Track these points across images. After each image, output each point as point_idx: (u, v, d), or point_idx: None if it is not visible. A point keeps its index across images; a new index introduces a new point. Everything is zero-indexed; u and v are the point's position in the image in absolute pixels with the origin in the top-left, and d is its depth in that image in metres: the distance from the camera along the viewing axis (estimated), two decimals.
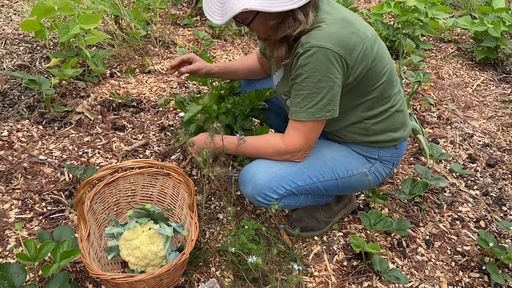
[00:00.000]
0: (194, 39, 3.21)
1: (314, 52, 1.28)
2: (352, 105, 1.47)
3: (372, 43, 1.38)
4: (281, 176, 1.49)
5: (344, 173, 1.55)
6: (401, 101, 1.55)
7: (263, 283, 1.53)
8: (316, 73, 1.30)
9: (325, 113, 1.37)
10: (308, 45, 1.28)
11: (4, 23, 2.96)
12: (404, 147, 1.63)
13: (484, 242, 1.65)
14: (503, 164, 2.33)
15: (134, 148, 2.11)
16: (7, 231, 1.62)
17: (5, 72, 2.39)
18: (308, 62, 1.29)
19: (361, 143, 1.56)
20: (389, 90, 1.48)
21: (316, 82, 1.31)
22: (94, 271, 1.28)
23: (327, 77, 1.31)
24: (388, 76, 1.46)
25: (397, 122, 1.55)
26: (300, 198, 1.60)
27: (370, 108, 1.48)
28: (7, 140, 2.02)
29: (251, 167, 1.53)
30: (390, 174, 1.66)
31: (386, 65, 1.44)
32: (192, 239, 1.39)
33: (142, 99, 2.47)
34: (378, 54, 1.40)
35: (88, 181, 1.27)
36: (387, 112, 1.51)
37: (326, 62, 1.28)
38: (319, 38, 1.28)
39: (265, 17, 1.31)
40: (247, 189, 1.52)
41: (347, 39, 1.31)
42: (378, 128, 1.52)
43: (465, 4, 4.38)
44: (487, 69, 3.40)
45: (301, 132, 1.42)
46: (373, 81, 1.43)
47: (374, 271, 1.64)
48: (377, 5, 3.55)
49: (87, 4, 2.59)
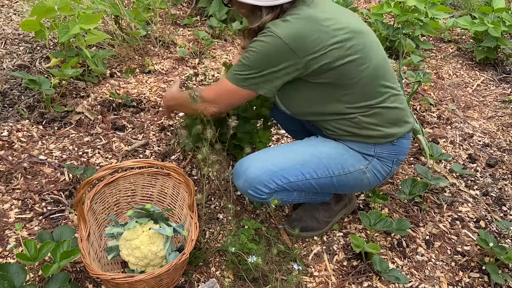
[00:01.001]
0: (194, 39, 3.21)
1: (268, 35, 1.40)
2: (334, 98, 1.50)
3: (342, 40, 1.42)
4: (273, 171, 1.51)
5: (339, 170, 1.55)
6: (395, 97, 1.55)
7: (263, 283, 1.53)
8: (260, 51, 1.41)
9: (250, 85, 1.47)
10: (268, 29, 1.41)
11: (4, 23, 2.96)
12: (404, 145, 1.61)
13: (484, 242, 1.65)
14: (503, 164, 2.33)
15: (134, 148, 2.11)
16: (7, 231, 1.62)
17: (5, 72, 2.40)
18: (260, 40, 1.41)
19: (356, 138, 1.55)
20: (373, 86, 1.50)
21: (256, 59, 1.42)
22: (94, 271, 1.28)
23: (266, 61, 1.42)
24: (371, 72, 1.48)
25: (389, 118, 1.53)
26: (293, 194, 1.60)
27: (354, 102, 1.50)
28: (7, 140, 2.02)
29: (245, 161, 1.56)
30: (391, 173, 1.64)
31: (368, 62, 1.47)
32: (192, 239, 1.39)
33: (142, 99, 2.47)
34: (353, 51, 1.43)
35: (88, 181, 1.27)
36: (375, 107, 1.51)
37: (272, 48, 1.40)
38: (278, 27, 1.40)
39: (238, 4, 1.47)
40: (239, 182, 1.55)
41: (307, 35, 1.39)
42: (368, 121, 1.51)
43: (465, 4, 4.38)
44: (487, 69, 3.40)
45: (218, 87, 1.55)
46: (349, 77, 1.46)
47: (374, 271, 1.64)
48: (377, 5, 3.55)
49: (87, 4, 2.59)
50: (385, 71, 1.53)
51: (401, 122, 1.57)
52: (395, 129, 1.55)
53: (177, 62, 2.90)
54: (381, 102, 1.51)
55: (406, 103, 1.62)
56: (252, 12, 1.48)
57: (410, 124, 1.60)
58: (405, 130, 1.58)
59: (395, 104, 1.54)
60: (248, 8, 1.47)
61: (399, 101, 1.57)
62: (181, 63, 2.90)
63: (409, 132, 1.61)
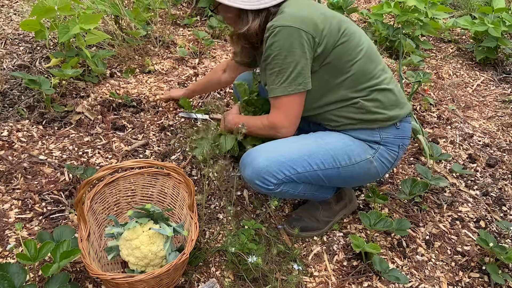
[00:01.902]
0: (194, 39, 3.21)
1: (278, 31, 1.41)
2: (332, 84, 1.53)
3: (337, 22, 1.50)
4: (281, 161, 1.51)
5: (346, 161, 1.55)
6: (388, 79, 1.59)
7: (263, 283, 1.53)
8: (282, 50, 1.42)
9: (297, 86, 1.47)
10: (272, 27, 1.42)
11: (4, 23, 2.96)
12: (407, 129, 1.63)
13: (484, 242, 1.65)
14: (503, 164, 2.33)
15: (134, 148, 2.11)
16: (7, 231, 1.62)
17: (5, 72, 2.39)
18: (274, 41, 1.42)
19: (361, 125, 1.56)
20: (370, 67, 1.53)
21: (284, 58, 1.43)
22: (94, 271, 1.28)
23: (292, 52, 1.42)
24: (366, 54, 1.53)
25: (390, 99, 1.57)
26: (300, 186, 1.60)
27: (354, 85, 1.53)
28: (7, 140, 2.02)
29: (252, 151, 1.56)
30: (398, 159, 1.65)
31: (362, 44, 1.53)
32: (192, 239, 1.39)
33: (142, 99, 2.47)
34: (347, 32, 1.50)
35: (88, 181, 1.27)
36: (375, 88, 1.54)
37: (289, 39, 1.41)
38: (281, 19, 1.42)
39: (225, 9, 1.49)
40: (246, 172, 1.54)
41: (309, 17, 1.44)
42: (370, 105, 1.54)
43: (465, 4, 4.39)
44: (487, 69, 3.40)
45: (279, 109, 1.53)
46: (349, 57, 1.50)
47: (374, 271, 1.64)
48: (377, 5, 3.55)
49: (87, 4, 2.59)
50: (377, 55, 1.59)
51: (401, 103, 1.60)
52: (397, 111, 1.58)
53: (177, 62, 2.90)
54: (380, 84, 1.55)
55: (399, 86, 1.66)
56: (238, 16, 1.50)
57: (408, 106, 1.64)
58: (406, 111, 1.61)
59: (391, 86, 1.59)
60: (235, 13, 1.50)
61: (394, 83, 1.61)
62: (181, 63, 2.90)
63: (409, 115, 1.65)
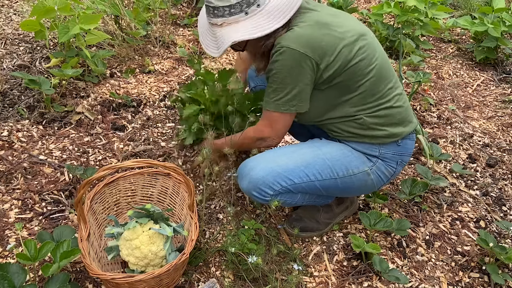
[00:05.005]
0: (194, 39, 3.21)
1: (283, 51, 1.40)
2: (339, 101, 1.52)
3: (350, 42, 1.45)
4: (277, 172, 1.51)
5: (344, 172, 1.55)
6: (398, 96, 1.56)
7: (263, 283, 1.53)
8: (283, 70, 1.42)
9: (290, 107, 1.49)
10: (279, 45, 1.41)
11: (4, 23, 2.96)
12: (409, 146, 1.61)
13: (484, 242, 1.65)
14: (503, 164, 2.33)
15: (138, 151, 2.11)
16: (7, 231, 1.62)
17: (5, 72, 2.40)
18: (277, 59, 1.42)
19: (361, 139, 1.55)
20: (379, 86, 1.51)
21: (283, 78, 1.44)
22: (94, 271, 1.28)
23: (292, 75, 1.43)
24: (376, 73, 1.49)
25: (394, 118, 1.54)
26: (297, 196, 1.60)
27: (360, 104, 1.51)
28: (7, 140, 2.02)
29: (249, 161, 1.56)
30: (395, 174, 1.64)
31: (374, 62, 1.49)
32: (192, 239, 1.39)
33: (142, 99, 2.47)
34: (361, 52, 1.46)
35: (88, 181, 1.27)
36: (381, 107, 1.52)
37: (292, 62, 1.41)
38: (288, 39, 1.40)
39: (255, 42, 1.46)
40: (243, 183, 1.55)
41: (318, 40, 1.41)
42: (373, 122, 1.52)
43: (465, 4, 4.38)
44: (487, 69, 3.40)
45: (268, 121, 1.55)
46: (358, 78, 1.47)
47: (374, 271, 1.64)
48: (377, 5, 3.54)
49: (87, 4, 2.59)
50: (388, 71, 1.55)
51: (406, 121, 1.58)
52: (400, 129, 1.56)
53: (177, 62, 2.90)
54: (387, 102, 1.52)
55: (408, 102, 1.62)
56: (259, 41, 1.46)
57: (414, 123, 1.61)
58: (410, 129, 1.58)
59: (399, 103, 1.56)
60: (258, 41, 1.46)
61: (403, 100, 1.58)
62: (181, 63, 2.90)
63: (413, 132, 1.62)
